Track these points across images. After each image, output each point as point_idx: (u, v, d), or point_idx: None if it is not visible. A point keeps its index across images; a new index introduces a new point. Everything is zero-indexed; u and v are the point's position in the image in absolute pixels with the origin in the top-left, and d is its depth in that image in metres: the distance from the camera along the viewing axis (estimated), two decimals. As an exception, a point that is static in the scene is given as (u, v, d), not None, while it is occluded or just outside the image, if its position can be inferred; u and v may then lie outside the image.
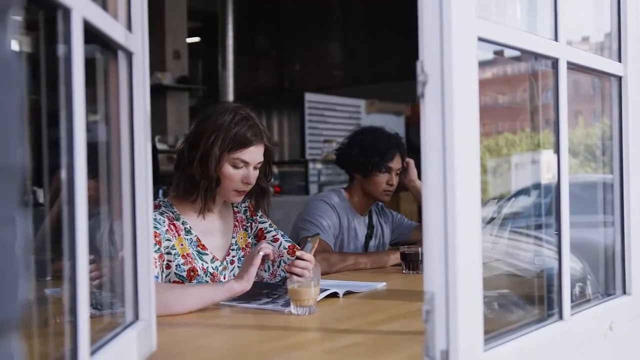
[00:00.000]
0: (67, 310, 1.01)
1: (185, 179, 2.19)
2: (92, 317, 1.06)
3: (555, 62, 1.51)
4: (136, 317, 1.36)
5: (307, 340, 1.67)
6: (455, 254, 1.15)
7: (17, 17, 0.60)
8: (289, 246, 2.34)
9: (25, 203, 0.61)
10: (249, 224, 2.39)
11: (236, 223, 2.36)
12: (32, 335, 1.03)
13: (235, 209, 2.38)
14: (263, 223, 2.40)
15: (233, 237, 2.33)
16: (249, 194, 2.30)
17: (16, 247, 0.56)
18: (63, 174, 0.98)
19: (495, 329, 1.33)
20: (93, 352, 1.08)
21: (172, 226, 2.17)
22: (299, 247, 2.33)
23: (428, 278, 1.17)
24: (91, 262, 1.07)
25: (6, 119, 0.54)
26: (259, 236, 2.38)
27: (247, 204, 2.40)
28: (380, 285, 2.34)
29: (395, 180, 3.01)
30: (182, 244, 2.17)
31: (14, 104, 0.55)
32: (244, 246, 2.35)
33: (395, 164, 3.01)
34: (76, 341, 1.00)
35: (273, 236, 2.37)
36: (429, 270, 1.17)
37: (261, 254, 1.99)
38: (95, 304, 1.26)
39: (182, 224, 2.21)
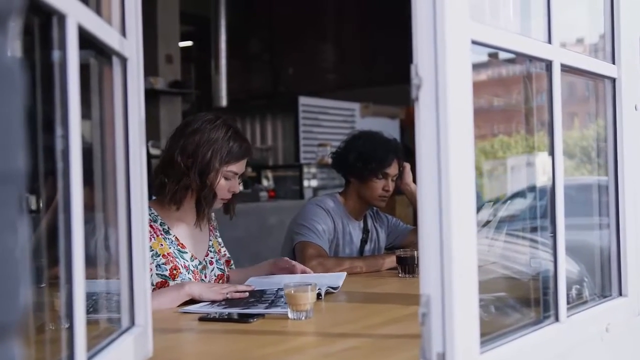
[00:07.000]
0: (60, 317, 1.01)
1: (181, 188, 2.24)
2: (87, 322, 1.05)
3: (549, 65, 1.51)
4: (132, 322, 1.36)
5: (305, 344, 1.67)
6: (450, 257, 1.15)
7: (16, 23, 0.60)
8: (218, 275, 2.42)
9: (24, 209, 0.62)
10: (217, 232, 2.51)
11: (211, 228, 2.47)
12: (27, 342, 1.02)
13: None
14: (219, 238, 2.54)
15: (210, 240, 2.44)
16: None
17: (17, 252, 0.57)
18: (59, 181, 0.98)
19: (491, 332, 1.33)
20: (89, 358, 1.08)
21: (149, 228, 2.21)
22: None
23: (424, 281, 1.17)
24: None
25: (8, 124, 0.54)
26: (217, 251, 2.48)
27: (214, 214, 2.52)
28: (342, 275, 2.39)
29: (391, 186, 3.00)
30: (161, 244, 2.24)
31: (16, 110, 0.55)
32: (217, 250, 2.46)
33: (393, 170, 3.00)
34: (73, 347, 0.99)
35: (217, 250, 2.47)
36: (425, 273, 1.17)
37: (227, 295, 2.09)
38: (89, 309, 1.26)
39: (160, 225, 2.28)
